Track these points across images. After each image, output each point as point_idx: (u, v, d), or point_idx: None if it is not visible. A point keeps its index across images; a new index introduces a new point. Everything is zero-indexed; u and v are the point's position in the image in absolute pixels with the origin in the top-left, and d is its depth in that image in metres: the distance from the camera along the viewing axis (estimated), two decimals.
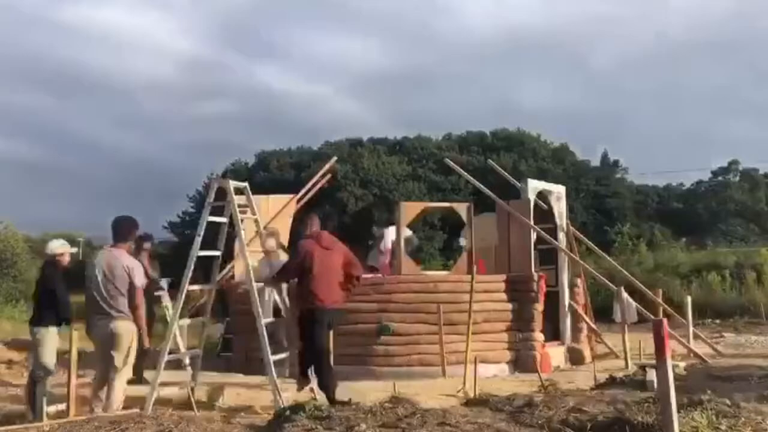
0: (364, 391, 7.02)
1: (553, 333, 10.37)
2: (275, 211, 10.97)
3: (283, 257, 8.07)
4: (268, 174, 34.25)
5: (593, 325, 11.37)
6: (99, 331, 6.47)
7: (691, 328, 10.84)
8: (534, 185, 10.73)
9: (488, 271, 10.65)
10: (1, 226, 38.67)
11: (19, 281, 33.47)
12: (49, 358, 6.99)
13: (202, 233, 6.98)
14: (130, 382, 6.84)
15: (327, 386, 6.85)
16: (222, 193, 7.14)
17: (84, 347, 7.33)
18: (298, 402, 6.30)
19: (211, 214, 7.14)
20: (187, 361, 7.53)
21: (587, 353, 10.34)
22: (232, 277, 10.83)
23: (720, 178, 44.40)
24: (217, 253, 7.23)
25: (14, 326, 19.22)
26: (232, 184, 7.18)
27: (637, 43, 75.94)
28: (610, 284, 10.67)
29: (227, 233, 7.30)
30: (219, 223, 7.17)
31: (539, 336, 9.56)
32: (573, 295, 10.94)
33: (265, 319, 6.96)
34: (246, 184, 7.37)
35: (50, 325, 6.96)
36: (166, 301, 9.25)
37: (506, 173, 11.41)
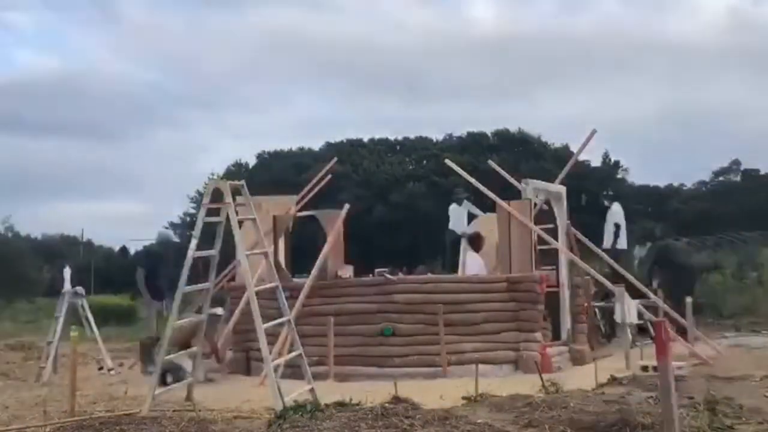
0: (364, 391, 7.01)
1: (554, 333, 10.34)
2: (275, 212, 10.98)
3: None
4: (269, 174, 34.29)
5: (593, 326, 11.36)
6: None
7: (692, 329, 10.82)
8: (535, 185, 10.71)
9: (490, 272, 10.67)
10: (2, 227, 38.78)
11: (21, 281, 33.55)
12: None
13: (198, 235, 6.98)
14: None
15: None
16: (221, 194, 7.13)
17: None
18: (298, 402, 6.30)
19: (209, 215, 7.14)
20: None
21: (588, 354, 10.31)
22: (233, 278, 10.85)
23: (721, 178, 44.40)
24: (214, 253, 7.22)
25: (15, 326, 19.26)
26: (230, 184, 7.16)
27: None
28: (611, 285, 10.64)
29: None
30: (217, 224, 7.16)
31: (540, 336, 9.53)
32: (574, 296, 10.90)
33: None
34: (243, 182, 7.35)
35: None
36: None
37: (506, 174, 11.39)
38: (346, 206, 10.84)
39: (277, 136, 77.88)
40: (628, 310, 10.11)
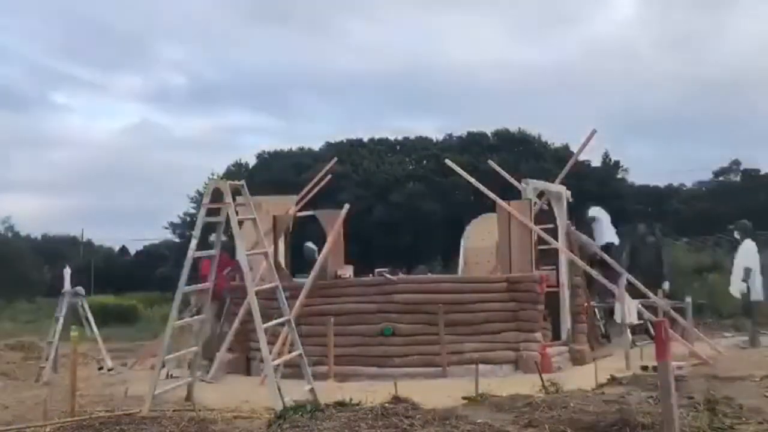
0: (364, 391, 7.01)
1: (554, 333, 10.35)
2: (275, 212, 10.99)
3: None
4: (269, 174, 34.27)
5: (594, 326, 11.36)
6: None
7: (692, 329, 10.82)
8: (535, 185, 10.71)
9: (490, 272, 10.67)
10: (3, 227, 38.76)
11: (21, 281, 33.57)
12: None
13: (198, 235, 6.98)
14: None
15: None
16: (221, 194, 7.13)
17: None
18: (298, 402, 6.30)
19: (209, 215, 7.14)
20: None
21: (588, 354, 10.32)
22: (233, 278, 10.84)
23: (721, 178, 44.39)
24: (214, 253, 7.22)
25: (15, 326, 19.26)
26: (230, 184, 7.17)
27: None
28: (611, 285, 10.65)
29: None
30: (216, 224, 7.17)
31: (540, 336, 9.54)
32: (574, 296, 10.91)
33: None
34: (243, 182, 7.36)
35: None
36: None
37: (506, 173, 11.39)
38: (346, 206, 10.84)
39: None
40: (628, 310, 10.12)
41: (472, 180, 11.00)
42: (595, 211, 12.92)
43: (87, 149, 72.14)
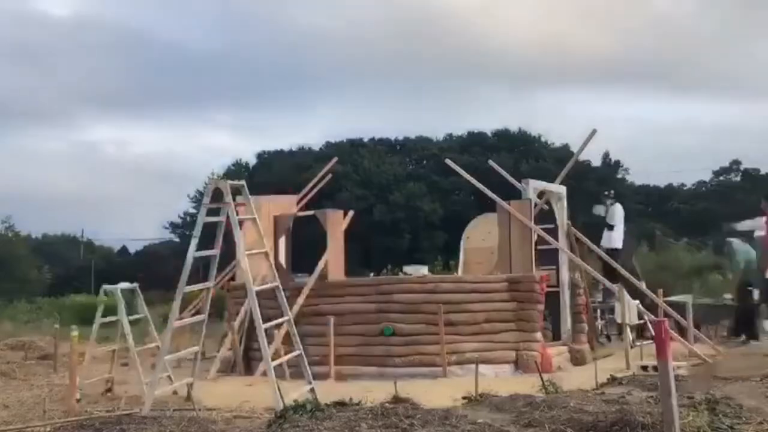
0: (365, 391, 7.01)
1: (554, 333, 10.36)
2: (276, 211, 10.99)
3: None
4: (269, 174, 34.30)
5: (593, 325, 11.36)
6: None
7: (692, 329, 10.82)
8: (535, 185, 10.72)
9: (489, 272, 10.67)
10: (2, 226, 38.76)
11: (21, 281, 33.56)
12: None
13: (198, 234, 6.98)
14: None
15: None
16: (221, 194, 7.13)
17: None
18: (298, 402, 6.29)
19: (209, 214, 7.14)
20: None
21: (588, 354, 10.32)
22: (233, 278, 10.86)
23: (722, 177, 44.43)
24: (214, 253, 7.22)
25: (15, 326, 19.24)
26: (230, 184, 7.16)
27: None
28: (611, 285, 10.65)
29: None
30: (217, 224, 7.16)
31: (540, 336, 9.55)
32: (574, 296, 10.91)
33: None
34: (243, 182, 7.35)
35: None
36: None
37: (507, 173, 11.39)
38: (351, 212, 10.88)
39: None
40: (628, 309, 10.12)
41: (472, 180, 11.01)
42: (617, 213, 12.94)
43: None
